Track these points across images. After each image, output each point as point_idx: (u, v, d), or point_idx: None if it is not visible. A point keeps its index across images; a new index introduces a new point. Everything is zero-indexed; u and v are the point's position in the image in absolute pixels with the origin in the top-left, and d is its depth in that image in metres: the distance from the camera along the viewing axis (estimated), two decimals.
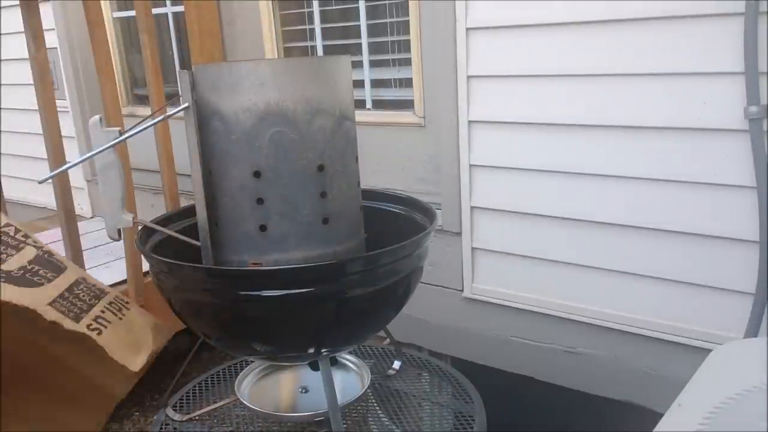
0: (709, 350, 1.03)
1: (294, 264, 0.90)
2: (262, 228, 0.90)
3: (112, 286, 1.98)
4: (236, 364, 1.39)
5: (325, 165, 0.92)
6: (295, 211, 0.90)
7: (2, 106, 3.17)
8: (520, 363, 1.87)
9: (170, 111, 0.91)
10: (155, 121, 0.94)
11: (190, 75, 0.90)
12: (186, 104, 0.89)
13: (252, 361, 1.24)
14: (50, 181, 1.31)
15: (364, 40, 2.11)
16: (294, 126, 0.89)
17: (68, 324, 1.39)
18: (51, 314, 1.37)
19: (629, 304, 1.63)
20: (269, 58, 2.25)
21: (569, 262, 1.71)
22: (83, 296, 1.49)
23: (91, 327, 1.44)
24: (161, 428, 1.21)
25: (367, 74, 2.13)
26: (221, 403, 1.27)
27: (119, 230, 0.93)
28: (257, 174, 0.89)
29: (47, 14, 2.74)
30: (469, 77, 1.75)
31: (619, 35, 1.50)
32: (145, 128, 0.92)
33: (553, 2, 1.56)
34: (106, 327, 1.47)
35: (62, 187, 1.74)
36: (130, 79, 2.91)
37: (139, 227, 0.99)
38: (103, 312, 1.51)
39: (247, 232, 0.91)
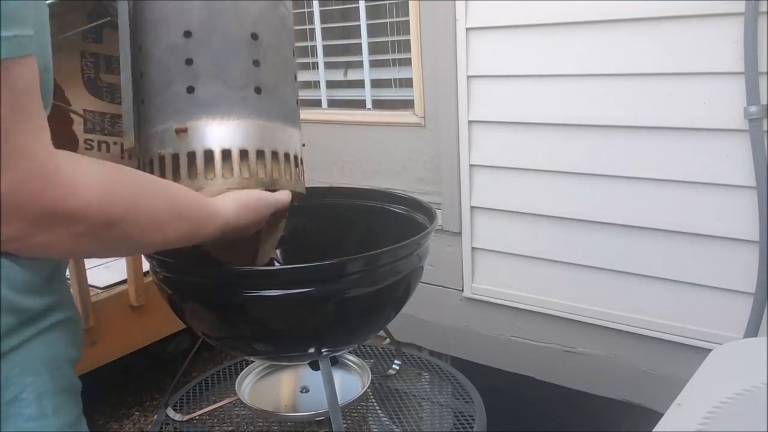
0: (709, 350, 1.03)
1: (225, 130, 0.85)
2: (190, 89, 0.86)
3: (112, 286, 1.98)
4: (236, 363, 1.39)
5: (259, 34, 0.89)
6: (226, 73, 0.87)
7: None
8: (520, 363, 1.87)
9: None
10: None
11: None
12: None
13: (252, 361, 1.24)
14: None
15: (364, 40, 2.11)
16: None
17: None
18: None
19: (629, 304, 1.63)
20: None
21: (569, 262, 1.71)
22: None
23: None
24: (161, 428, 1.21)
25: (367, 74, 2.13)
26: (221, 403, 1.26)
27: None
28: (187, 33, 0.86)
29: None
30: (469, 77, 1.75)
31: (619, 35, 1.50)
32: None
33: (553, 2, 1.57)
34: None
35: None
36: None
37: None
38: None
39: (174, 96, 0.85)
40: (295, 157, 0.91)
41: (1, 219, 0.52)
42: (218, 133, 0.85)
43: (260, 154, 0.86)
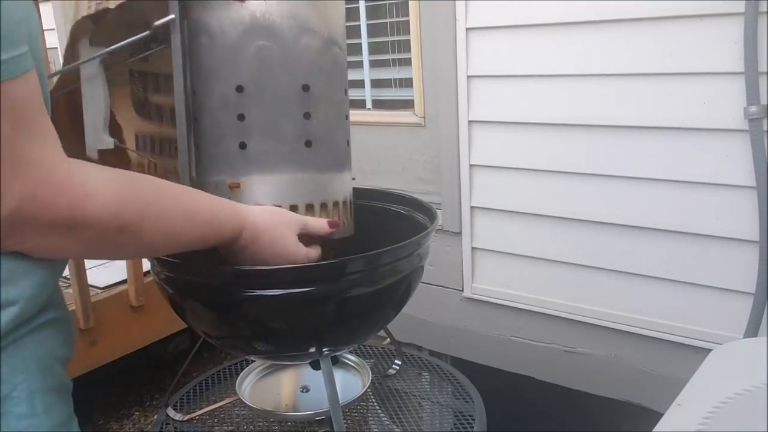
0: (709, 350, 1.03)
1: (276, 186, 0.89)
2: (242, 145, 0.88)
3: (112, 286, 1.98)
4: (236, 363, 1.39)
5: (310, 85, 0.89)
6: (277, 129, 0.88)
7: None
8: (520, 363, 1.87)
9: (157, 23, 0.87)
10: (142, 35, 0.89)
11: None
12: (172, 15, 0.86)
13: (252, 361, 1.23)
14: None
15: (364, 40, 2.11)
16: (279, 41, 0.87)
17: None
18: None
19: (629, 304, 1.63)
20: None
21: (569, 262, 1.71)
22: None
23: None
24: (161, 428, 1.20)
25: (367, 74, 2.13)
26: (222, 403, 1.26)
27: (98, 151, 0.89)
28: (240, 88, 0.87)
29: (47, 14, 2.73)
30: (469, 77, 1.75)
31: (619, 35, 1.50)
32: (133, 41, 0.87)
33: (553, 2, 1.57)
34: None
35: None
36: None
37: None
38: None
39: (227, 150, 0.88)
40: (344, 202, 0.96)
41: (15, 227, 0.53)
42: (269, 188, 0.90)
43: (309, 207, 0.91)
